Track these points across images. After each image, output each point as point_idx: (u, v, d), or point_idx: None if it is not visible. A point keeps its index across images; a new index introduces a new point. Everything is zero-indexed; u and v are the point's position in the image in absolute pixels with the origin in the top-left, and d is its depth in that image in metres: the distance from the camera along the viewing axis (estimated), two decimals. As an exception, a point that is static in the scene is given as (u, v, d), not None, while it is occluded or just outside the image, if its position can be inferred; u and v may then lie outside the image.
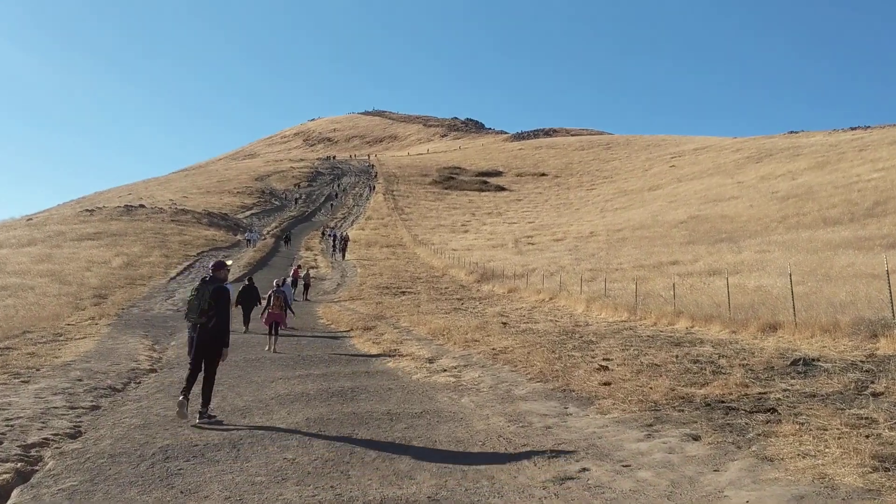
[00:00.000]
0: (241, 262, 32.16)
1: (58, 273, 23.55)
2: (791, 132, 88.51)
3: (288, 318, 14.74)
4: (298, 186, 77.64)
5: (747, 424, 5.69)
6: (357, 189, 79.10)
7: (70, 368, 9.92)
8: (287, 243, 42.85)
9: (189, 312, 7.06)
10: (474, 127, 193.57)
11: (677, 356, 9.44)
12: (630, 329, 13.31)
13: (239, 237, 42.95)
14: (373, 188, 77.26)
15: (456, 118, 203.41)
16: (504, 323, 15.34)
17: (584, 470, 4.91)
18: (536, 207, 62.66)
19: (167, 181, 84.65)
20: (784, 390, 6.90)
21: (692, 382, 7.62)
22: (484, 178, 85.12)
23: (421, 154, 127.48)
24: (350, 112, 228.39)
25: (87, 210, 47.34)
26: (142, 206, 48.26)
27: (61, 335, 13.73)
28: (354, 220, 56.88)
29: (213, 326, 6.90)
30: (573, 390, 7.84)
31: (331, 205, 67.95)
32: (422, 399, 7.97)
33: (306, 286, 25.63)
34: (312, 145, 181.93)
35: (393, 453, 5.55)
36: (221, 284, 7.15)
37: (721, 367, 8.42)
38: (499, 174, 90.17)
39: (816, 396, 6.52)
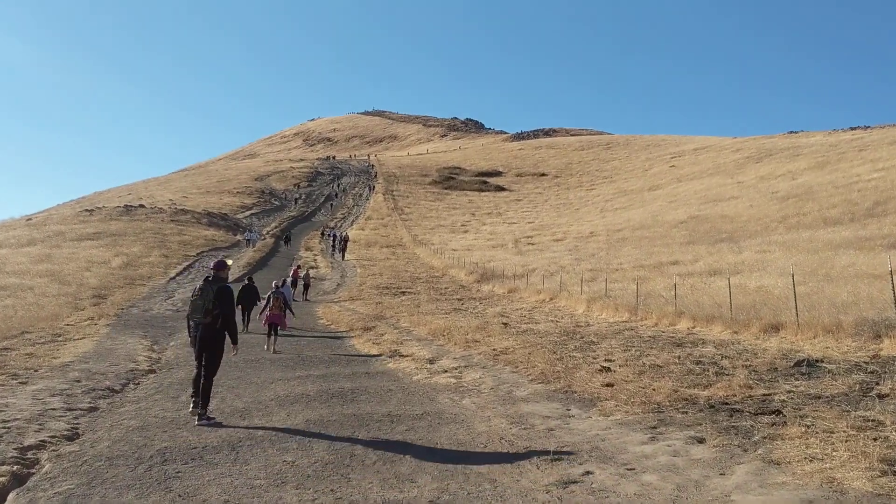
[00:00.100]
0: (241, 263, 32.09)
1: (57, 273, 23.47)
2: (791, 132, 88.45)
3: (287, 319, 14.67)
4: (298, 186, 77.58)
5: (752, 427, 5.63)
6: (357, 189, 79.03)
7: (68, 369, 9.84)
8: (287, 243, 42.79)
9: (193, 312, 7.02)
10: (474, 127, 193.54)
11: (679, 357, 9.37)
12: (631, 329, 13.24)
13: (238, 237, 42.86)
14: (372, 188, 77.20)
15: (456, 118, 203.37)
16: (505, 323, 15.27)
17: (588, 473, 4.85)
18: (536, 207, 62.59)
19: (167, 181, 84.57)
20: (788, 392, 6.83)
21: (695, 384, 7.55)
22: (484, 179, 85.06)
23: (421, 154, 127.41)
24: (350, 112, 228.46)
25: (87, 210, 47.26)
26: (141, 206, 48.18)
27: (60, 336, 13.64)
28: (354, 220, 56.80)
29: (220, 326, 6.95)
30: (575, 392, 7.77)
31: (330, 205, 67.87)
32: (422, 400, 7.90)
33: (306, 286, 25.57)
34: (312, 145, 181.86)
35: (394, 456, 5.48)
36: (225, 284, 7.15)
37: (724, 369, 8.36)
38: (499, 174, 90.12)
39: (821, 398, 6.46)
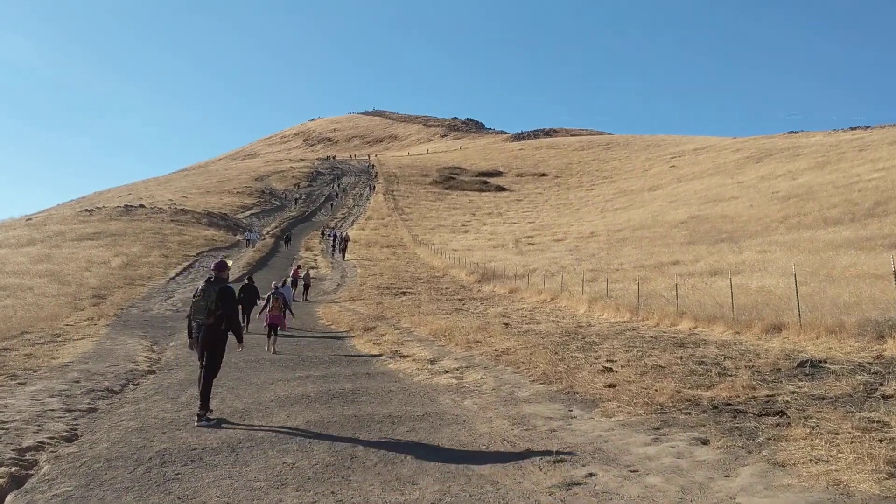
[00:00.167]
0: (241, 263, 32.04)
1: (57, 273, 23.42)
2: (791, 132, 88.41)
3: (287, 320, 14.63)
4: (298, 186, 77.53)
5: (756, 428, 5.58)
6: (357, 189, 78.99)
7: (67, 370, 9.80)
8: (287, 243, 42.76)
9: (195, 313, 7.00)
10: (474, 127, 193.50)
11: (682, 357, 9.33)
12: (633, 330, 13.20)
13: (238, 237, 42.82)
14: (373, 188, 77.15)
15: (456, 118, 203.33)
16: (506, 324, 15.22)
17: (591, 475, 4.80)
18: (537, 208, 62.55)
19: (167, 181, 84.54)
20: (792, 392, 6.78)
21: (698, 384, 7.51)
22: (484, 179, 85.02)
23: (421, 154, 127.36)
24: (350, 112, 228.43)
25: (87, 210, 47.22)
26: (141, 206, 48.14)
27: (59, 336, 13.60)
28: (354, 221, 56.77)
29: (224, 327, 6.99)
30: (577, 392, 7.73)
31: (331, 205, 67.84)
32: (423, 401, 7.86)
33: (306, 286, 25.52)
34: (312, 145, 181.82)
35: (395, 457, 5.44)
36: (226, 285, 7.17)
37: (727, 369, 8.31)
38: (499, 174, 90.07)
39: (825, 399, 6.41)
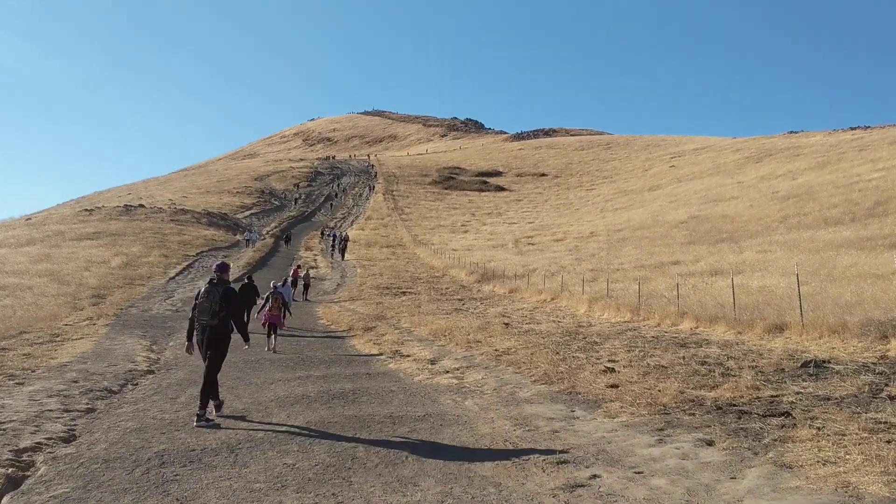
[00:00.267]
0: (241, 262, 31.97)
1: (56, 273, 23.35)
2: (791, 132, 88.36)
3: (286, 320, 14.57)
4: (298, 186, 77.47)
5: (762, 429, 5.52)
6: (357, 189, 78.93)
7: (66, 370, 9.74)
8: (287, 243, 42.71)
9: (200, 315, 6.98)
10: (474, 127, 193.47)
11: (684, 357, 9.27)
12: (634, 330, 13.14)
13: (238, 237, 42.76)
14: (372, 188, 77.10)
15: (455, 118, 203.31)
16: (506, 323, 15.16)
17: (595, 477, 4.74)
18: (536, 207, 62.50)
19: (167, 181, 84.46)
20: (797, 393, 6.73)
21: (701, 385, 7.45)
22: (484, 179, 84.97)
23: (421, 154, 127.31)
24: (350, 112, 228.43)
25: (87, 210, 47.15)
26: (141, 206, 48.07)
27: (58, 336, 13.53)
28: (354, 220, 56.70)
29: (230, 328, 7.02)
30: (579, 393, 7.67)
31: (330, 205, 67.78)
32: (424, 401, 7.80)
33: (306, 286, 25.46)
34: (312, 145, 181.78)
35: (396, 458, 5.38)
36: (230, 286, 7.21)
37: (730, 369, 8.25)
38: (499, 174, 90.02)
39: (831, 400, 6.35)
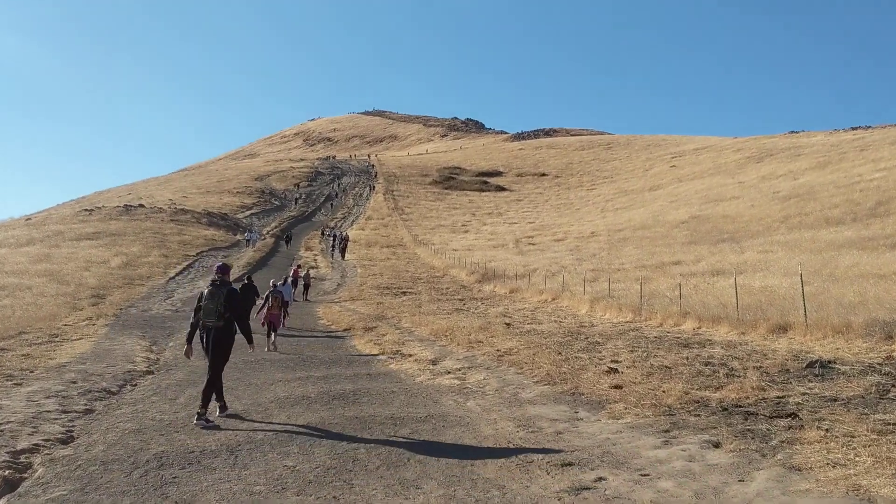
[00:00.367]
0: (241, 263, 31.91)
1: (56, 273, 23.28)
2: (792, 132, 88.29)
3: (286, 320, 14.52)
4: (298, 186, 77.41)
5: (769, 430, 5.45)
6: (357, 189, 78.87)
7: (65, 370, 9.68)
8: (287, 243, 42.67)
9: (206, 316, 6.97)
10: (474, 127, 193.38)
11: (688, 358, 9.20)
12: (636, 330, 13.07)
13: (238, 237, 42.70)
14: (373, 188, 77.03)
15: (456, 118, 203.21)
16: (507, 324, 15.09)
17: (601, 479, 4.66)
18: (537, 207, 62.45)
19: (167, 181, 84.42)
20: (803, 394, 6.65)
21: (706, 385, 7.38)
22: (484, 178, 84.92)
23: (421, 154, 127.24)
24: (350, 112, 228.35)
25: (86, 210, 47.09)
26: (141, 206, 48.00)
27: (57, 336, 13.47)
28: (354, 220, 56.64)
29: (234, 330, 7.08)
30: (582, 393, 7.60)
31: (331, 205, 67.71)
32: (426, 402, 7.73)
33: (306, 286, 25.39)
34: (312, 145, 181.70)
35: (398, 460, 5.31)
36: (232, 286, 7.25)
37: (734, 370, 8.18)
38: (499, 174, 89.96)
39: (837, 400, 6.28)
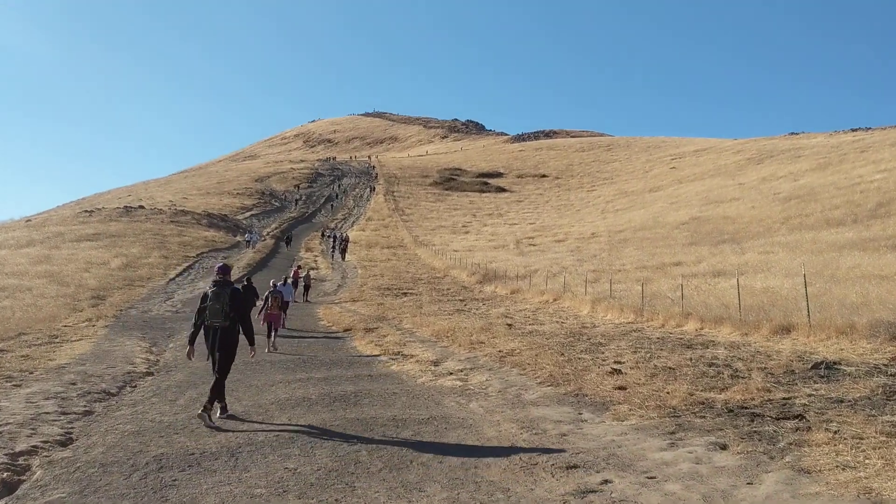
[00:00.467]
0: (241, 264, 31.83)
1: (56, 274, 23.22)
2: (792, 133, 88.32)
3: (285, 320, 14.47)
4: (298, 188, 77.35)
5: (776, 432, 5.38)
6: (357, 190, 78.84)
7: (64, 371, 9.62)
8: (288, 244, 42.64)
9: (212, 317, 6.97)
10: (475, 128, 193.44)
11: (691, 359, 9.13)
12: (638, 331, 13.01)
13: (239, 238, 42.64)
14: (373, 189, 77.00)
15: (456, 120, 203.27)
16: (509, 324, 15.02)
17: (607, 482, 4.59)
18: (537, 209, 62.41)
19: (167, 182, 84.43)
20: (809, 395, 6.58)
21: (710, 387, 7.31)
22: (484, 180, 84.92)
23: (421, 155, 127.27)
24: (350, 113, 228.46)
25: (86, 211, 47.04)
26: (141, 207, 47.95)
27: (57, 337, 13.41)
28: (355, 222, 56.60)
29: (238, 329, 7.09)
30: (586, 395, 7.53)
31: (331, 206, 67.67)
32: (428, 404, 7.67)
33: (307, 287, 25.33)
34: (313, 146, 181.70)
35: (400, 463, 5.25)
36: (235, 286, 7.29)
37: (738, 371, 8.11)
38: (499, 175, 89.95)
39: (844, 402, 6.21)
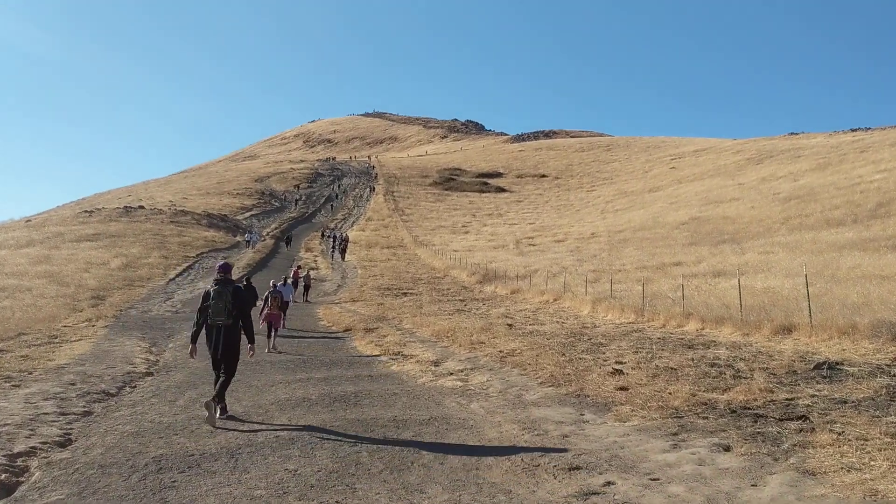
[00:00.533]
0: (241, 264, 31.79)
1: (56, 274, 23.19)
2: (791, 133, 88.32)
3: (285, 320, 14.44)
4: (298, 188, 77.34)
5: (780, 433, 5.34)
6: (357, 190, 78.83)
7: (63, 372, 9.59)
8: (288, 244, 42.63)
9: (215, 315, 6.97)
10: (474, 128, 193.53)
11: (693, 359, 9.10)
12: (639, 331, 12.98)
13: (238, 238, 42.61)
14: (373, 189, 76.98)
15: (456, 120, 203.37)
16: (509, 324, 14.99)
17: (609, 484, 4.55)
18: (537, 209, 62.39)
19: (167, 182, 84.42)
20: (812, 396, 6.55)
21: (713, 387, 7.27)
22: (484, 180, 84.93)
23: (421, 155, 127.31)
24: (350, 114, 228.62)
25: (86, 211, 47.01)
26: (141, 208, 47.92)
27: (56, 337, 13.38)
28: (355, 222, 56.59)
29: (240, 327, 7.09)
30: (588, 395, 7.49)
31: (331, 206, 67.66)
32: (429, 404, 7.63)
33: (307, 287, 25.30)
34: (312, 147, 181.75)
35: (401, 464, 5.21)
36: (237, 284, 7.29)
37: (741, 371, 8.08)
38: (499, 175, 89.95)
39: (847, 403, 6.17)
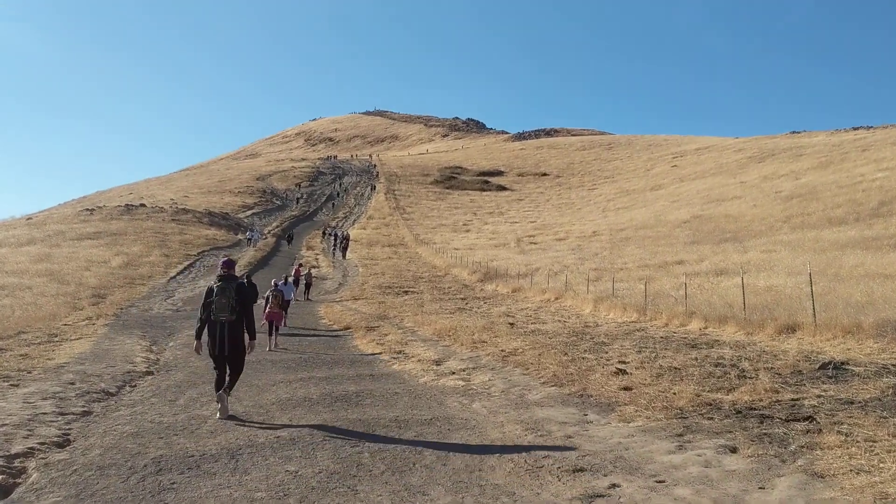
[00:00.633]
0: (242, 262, 31.75)
1: (56, 272, 23.16)
2: (793, 132, 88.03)
3: (285, 319, 14.39)
4: (300, 186, 77.33)
5: (786, 434, 5.27)
6: (358, 189, 78.82)
7: (63, 371, 9.53)
8: (289, 243, 42.66)
9: (219, 312, 6.93)
10: (475, 127, 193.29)
11: (696, 359, 9.03)
12: (641, 330, 12.91)
13: (240, 237, 42.62)
14: (374, 188, 76.95)
15: (457, 118, 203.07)
16: (511, 323, 14.93)
17: (614, 486, 4.49)
18: (538, 207, 62.31)
19: (168, 181, 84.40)
20: (818, 396, 6.48)
21: (717, 387, 7.21)
22: (485, 178, 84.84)
23: (422, 154, 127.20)
24: (351, 112, 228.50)
25: (88, 209, 46.96)
26: (142, 206, 47.89)
27: (56, 336, 13.33)
28: (356, 220, 56.57)
29: (244, 323, 7.04)
30: (591, 395, 7.43)
31: (332, 204, 67.66)
32: (430, 404, 7.57)
33: (308, 285, 25.28)
34: (314, 145, 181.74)
35: (403, 465, 5.15)
36: (240, 281, 7.27)
37: (745, 371, 8.01)
38: (500, 174, 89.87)
39: (854, 403, 6.11)
